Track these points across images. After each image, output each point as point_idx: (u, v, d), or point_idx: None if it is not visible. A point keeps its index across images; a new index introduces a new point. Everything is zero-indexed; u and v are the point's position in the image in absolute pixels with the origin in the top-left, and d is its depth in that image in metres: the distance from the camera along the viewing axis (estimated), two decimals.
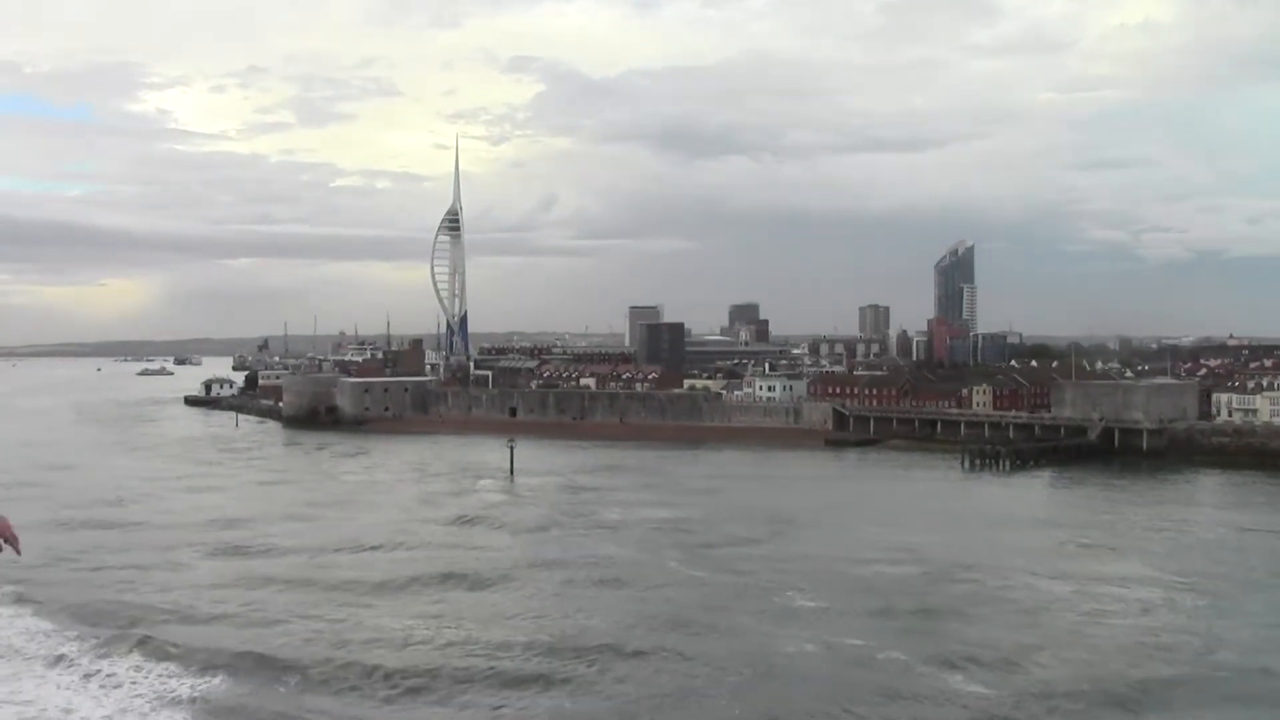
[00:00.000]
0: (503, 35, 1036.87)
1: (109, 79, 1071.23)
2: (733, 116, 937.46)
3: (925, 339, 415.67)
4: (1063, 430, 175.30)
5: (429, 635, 66.48)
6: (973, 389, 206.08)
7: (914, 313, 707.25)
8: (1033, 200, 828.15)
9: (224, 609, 73.93)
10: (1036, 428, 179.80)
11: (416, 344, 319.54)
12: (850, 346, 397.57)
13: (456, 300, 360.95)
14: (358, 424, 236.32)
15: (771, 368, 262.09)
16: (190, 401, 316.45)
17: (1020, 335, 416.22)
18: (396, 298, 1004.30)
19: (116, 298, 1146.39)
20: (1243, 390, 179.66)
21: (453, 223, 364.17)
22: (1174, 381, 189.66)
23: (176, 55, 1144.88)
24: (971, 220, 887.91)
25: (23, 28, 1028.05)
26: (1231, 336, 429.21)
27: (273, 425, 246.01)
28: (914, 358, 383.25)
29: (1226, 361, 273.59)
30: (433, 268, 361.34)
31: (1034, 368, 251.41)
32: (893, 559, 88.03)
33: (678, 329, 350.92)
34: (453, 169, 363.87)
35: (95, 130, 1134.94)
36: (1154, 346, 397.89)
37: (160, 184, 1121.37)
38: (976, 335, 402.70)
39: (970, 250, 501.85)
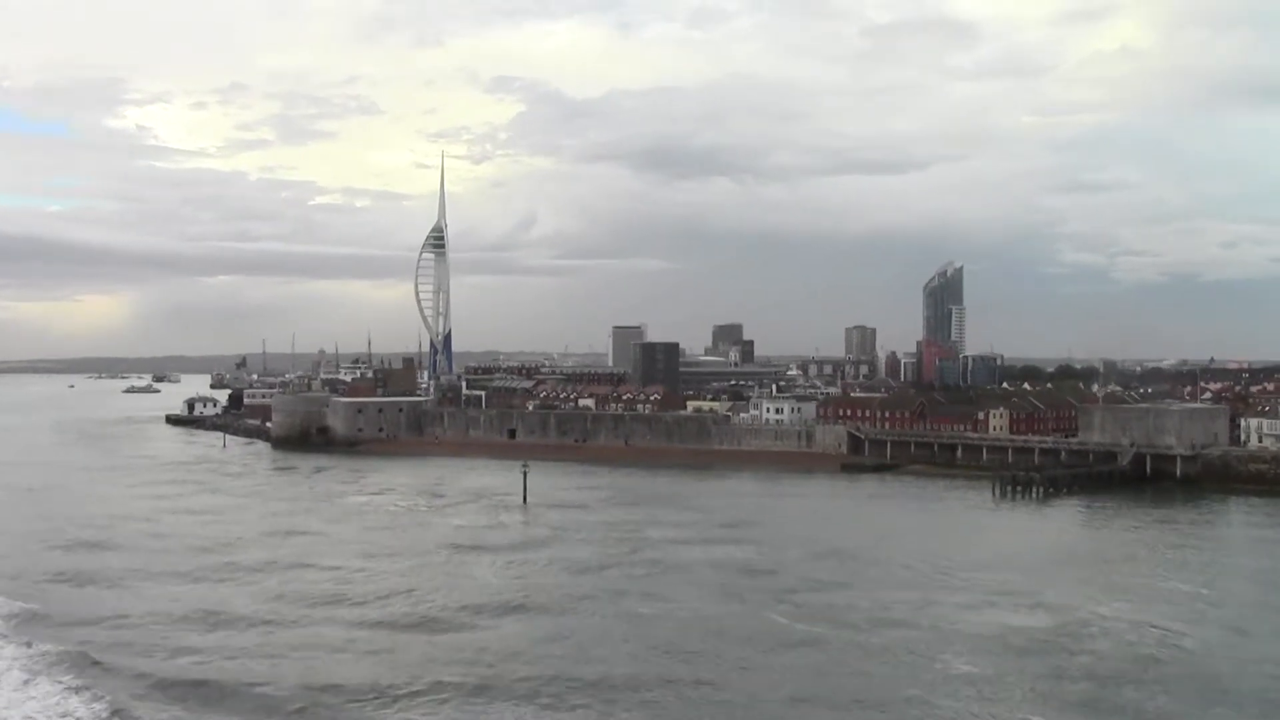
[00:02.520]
0: (485, 55, 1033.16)
1: (90, 94, 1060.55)
2: (715, 138, 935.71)
3: (914, 360, 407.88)
4: (1091, 456, 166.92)
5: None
6: (989, 412, 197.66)
7: (899, 334, 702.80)
8: (1011, 223, 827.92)
9: (289, 663, 66.43)
10: (1063, 453, 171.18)
11: (408, 363, 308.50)
12: (839, 367, 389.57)
13: (441, 319, 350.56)
14: (350, 445, 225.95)
15: (780, 390, 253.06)
16: (172, 420, 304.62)
17: (1002, 356, 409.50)
18: (376, 316, 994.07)
19: (91, 314, 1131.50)
20: (1274, 415, 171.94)
21: (438, 240, 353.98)
22: (1204, 406, 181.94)
23: (158, 71, 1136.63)
24: (951, 242, 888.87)
25: (3, 42, 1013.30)
26: (1213, 360, 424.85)
27: (261, 446, 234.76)
28: (902, 379, 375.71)
29: (1229, 384, 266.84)
30: (417, 286, 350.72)
31: (1050, 390, 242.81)
32: (1003, 606, 79.93)
33: (672, 349, 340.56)
34: (433, 188, 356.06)
35: (75, 146, 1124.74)
36: (1137, 369, 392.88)
37: (139, 200, 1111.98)
38: (966, 357, 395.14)
39: (959, 272, 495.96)
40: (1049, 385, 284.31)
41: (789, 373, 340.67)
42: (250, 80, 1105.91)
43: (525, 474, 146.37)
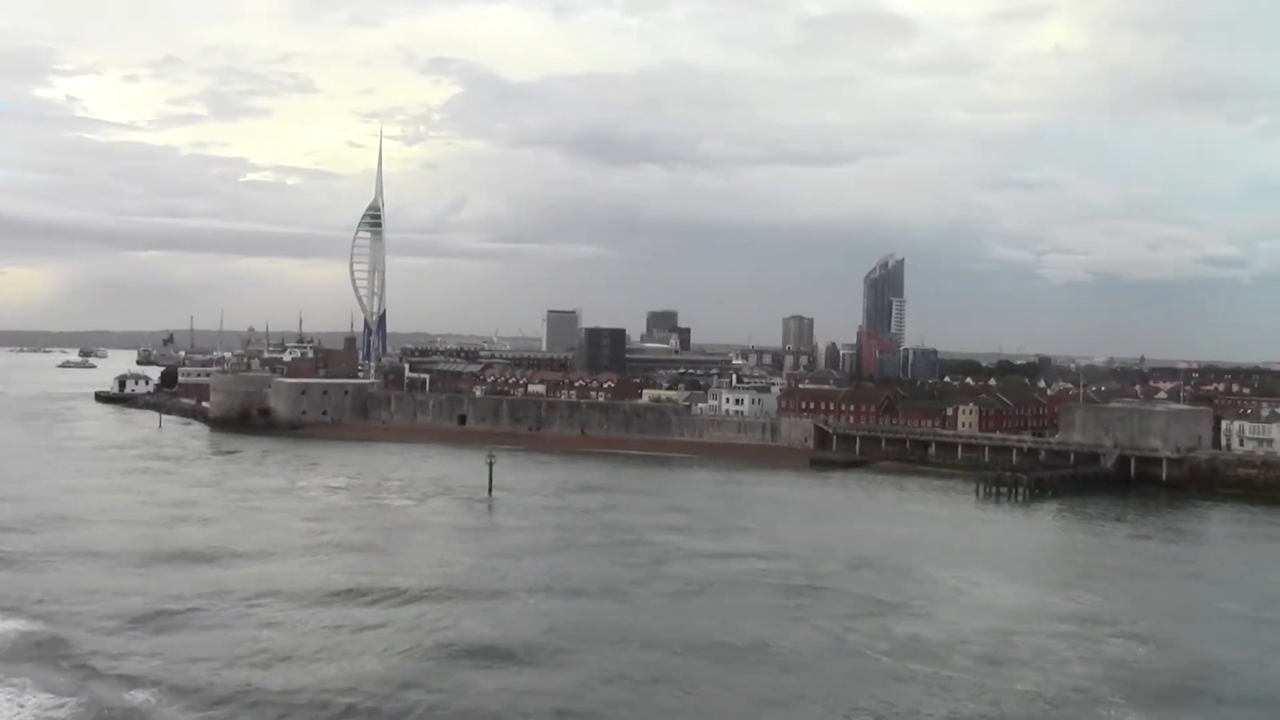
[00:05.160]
0: (422, 36, 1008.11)
1: (19, 63, 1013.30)
2: (649, 125, 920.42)
3: (854, 352, 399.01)
4: (1073, 456, 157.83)
5: None
6: (959, 408, 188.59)
7: (835, 325, 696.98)
8: (941, 217, 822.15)
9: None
10: (1043, 452, 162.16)
11: (350, 343, 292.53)
12: (778, 357, 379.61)
13: (376, 299, 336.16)
14: (293, 428, 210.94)
15: (739, 379, 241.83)
16: (102, 398, 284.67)
17: (936, 351, 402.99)
18: (305, 295, 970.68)
19: (13, 286, 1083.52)
20: (1256, 418, 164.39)
21: (374, 219, 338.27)
22: (1189, 408, 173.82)
23: (90, 42, 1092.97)
24: (883, 235, 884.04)
25: None
26: (1143, 359, 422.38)
27: (199, 428, 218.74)
28: (841, 370, 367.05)
29: (1178, 384, 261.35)
30: (352, 265, 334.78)
31: (1019, 387, 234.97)
32: (1095, 637, 69.73)
33: (619, 335, 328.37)
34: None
35: (1, 115, 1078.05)
36: (1071, 366, 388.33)
37: (67, 172, 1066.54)
38: (907, 350, 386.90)
39: (900, 264, 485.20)
40: (991, 381, 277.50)
41: (734, 362, 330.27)
42: (184, 54, 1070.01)
43: (491, 465, 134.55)
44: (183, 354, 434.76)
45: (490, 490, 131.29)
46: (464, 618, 72.04)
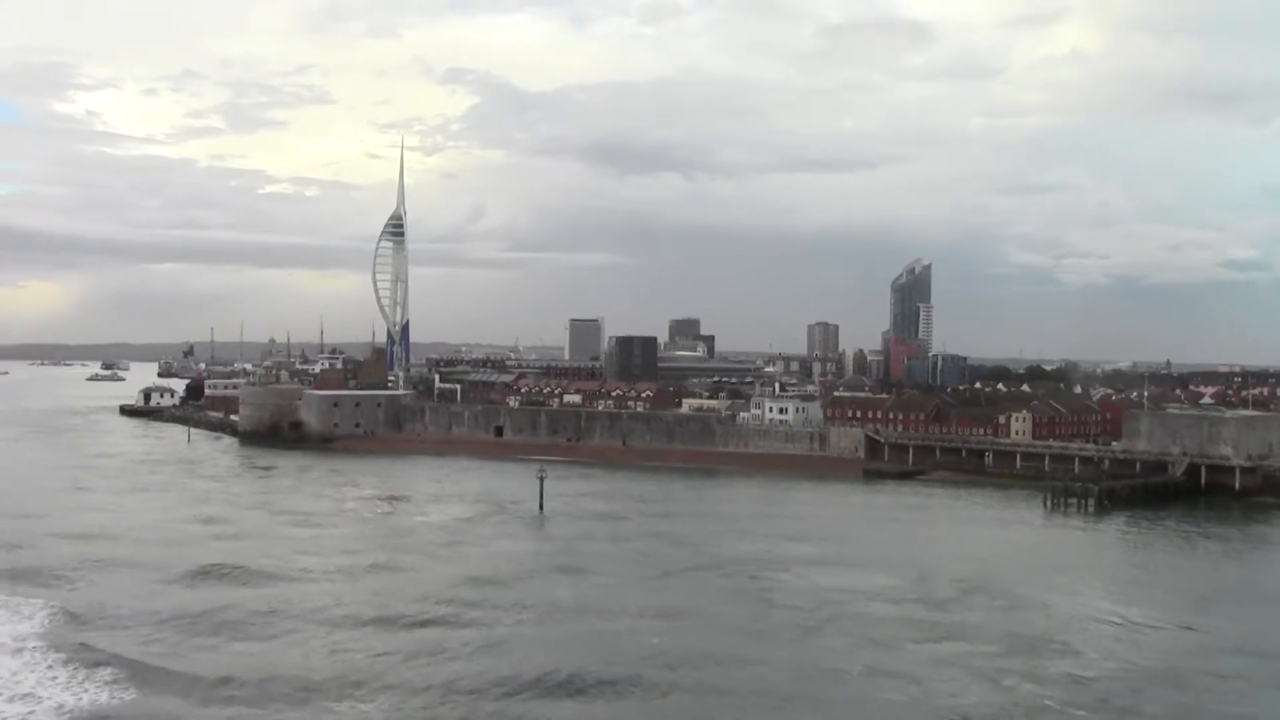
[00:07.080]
0: (439, 47, 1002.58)
1: (38, 78, 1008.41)
2: (666, 133, 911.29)
3: (881, 358, 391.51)
4: (1139, 465, 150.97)
5: None
6: (1011, 416, 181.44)
7: (858, 331, 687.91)
8: (957, 223, 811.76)
9: None
10: (1107, 461, 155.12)
11: (379, 353, 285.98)
12: (804, 364, 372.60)
13: (399, 309, 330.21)
14: (325, 441, 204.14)
15: (783, 389, 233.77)
16: (127, 411, 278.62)
17: (966, 357, 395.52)
18: (324, 306, 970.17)
19: (33, 300, 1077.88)
20: None
21: (396, 229, 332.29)
22: (1260, 414, 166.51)
23: (108, 56, 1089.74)
24: (900, 241, 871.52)
25: None
26: (1169, 363, 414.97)
27: (229, 442, 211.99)
28: (869, 377, 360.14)
29: (1221, 387, 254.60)
30: (374, 275, 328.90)
31: (1070, 394, 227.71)
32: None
33: (650, 343, 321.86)
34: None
35: (21, 130, 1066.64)
36: (1098, 371, 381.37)
37: (86, 186, 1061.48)
38: (936, 356, 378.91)
39: (927, 269, 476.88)
40: (1025, 387, 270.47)
41: (766, 369, 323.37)
42: (202, 67, 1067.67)
43: (542, 480, 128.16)
44: (203, 366, 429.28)
45: (541, 507, 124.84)
46: (554, 644, 66.73)
